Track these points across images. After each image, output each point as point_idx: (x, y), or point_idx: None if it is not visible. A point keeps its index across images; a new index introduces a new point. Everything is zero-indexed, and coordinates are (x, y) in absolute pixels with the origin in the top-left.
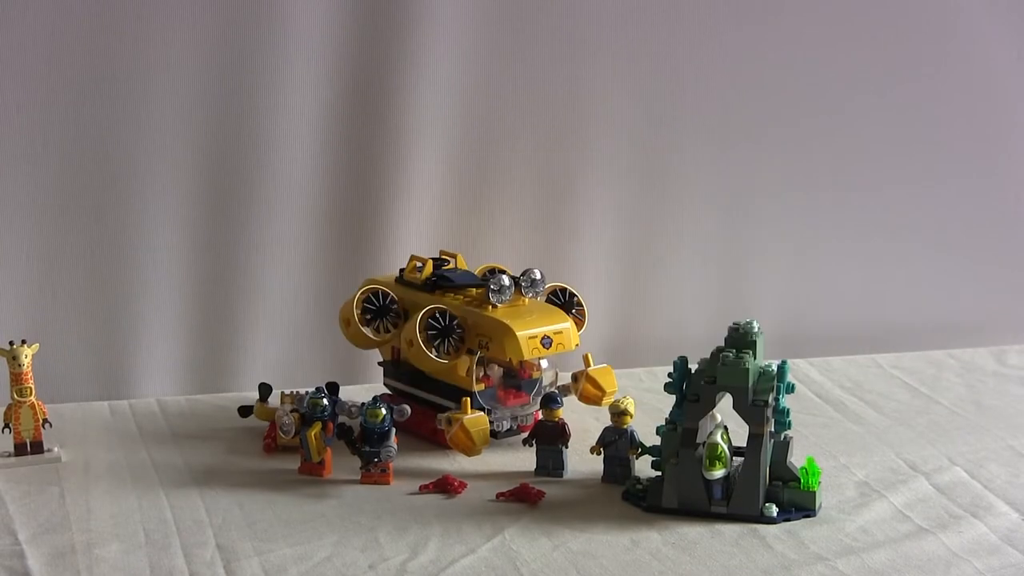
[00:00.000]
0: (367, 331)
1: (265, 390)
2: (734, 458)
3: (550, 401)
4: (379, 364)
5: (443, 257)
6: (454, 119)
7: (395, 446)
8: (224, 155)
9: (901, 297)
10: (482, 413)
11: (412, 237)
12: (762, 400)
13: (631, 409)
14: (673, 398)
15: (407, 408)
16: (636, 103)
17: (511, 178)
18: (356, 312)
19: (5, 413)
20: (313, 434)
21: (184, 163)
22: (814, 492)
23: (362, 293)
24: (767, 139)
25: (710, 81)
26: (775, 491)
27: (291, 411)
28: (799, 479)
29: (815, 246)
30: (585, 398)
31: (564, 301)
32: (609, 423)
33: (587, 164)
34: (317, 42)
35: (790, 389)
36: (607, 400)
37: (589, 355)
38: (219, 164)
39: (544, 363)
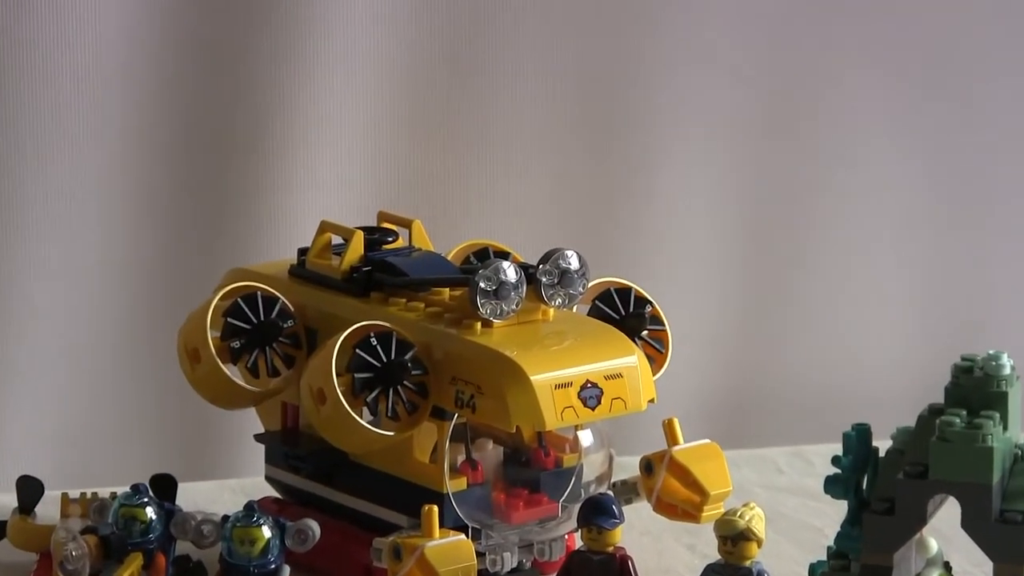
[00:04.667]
0: (233, 372)
1: (31, 492)
2: None
3: (599, 513)
4: (257, 439)
5: (385, 227)
6: None
7: None
8: None
9: None
10: (462, 536)
11: (324, 189)
12: (1020, 512)
13: (758, 529)
14: (843, 506)
15: (313, 527)
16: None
17: (521, 83)
18: (211, 335)
19: None
20: None
21: None
22: None
23: (223, 297)
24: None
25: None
26: None
27: (83, 531)
28: None
29: None
30: (666, 507)
31: (626, 314)
32: (716, 557)
33: (669, 76)
34: None
35: None
36: (711, 510)
37: (675, 421)
38: None
39: (586, 437)
